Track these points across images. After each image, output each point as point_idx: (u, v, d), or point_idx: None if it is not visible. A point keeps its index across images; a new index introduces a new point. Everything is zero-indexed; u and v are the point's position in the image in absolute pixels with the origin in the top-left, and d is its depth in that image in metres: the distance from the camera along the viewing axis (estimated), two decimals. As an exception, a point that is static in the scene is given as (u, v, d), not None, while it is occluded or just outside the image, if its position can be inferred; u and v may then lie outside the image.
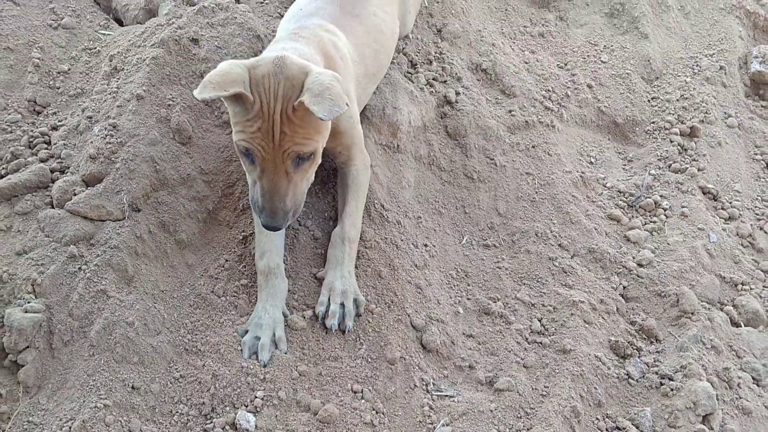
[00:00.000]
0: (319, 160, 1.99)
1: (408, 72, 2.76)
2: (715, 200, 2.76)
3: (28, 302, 1.91)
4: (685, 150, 2.88)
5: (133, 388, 1.82)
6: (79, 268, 1.99)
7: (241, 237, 2.20)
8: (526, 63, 3.03)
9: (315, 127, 1.87)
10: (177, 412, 1.82)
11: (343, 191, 2.25)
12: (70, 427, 1.71)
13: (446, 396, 2.00)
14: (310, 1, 2.41)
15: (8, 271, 1.98)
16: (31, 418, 1.77)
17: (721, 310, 2.39)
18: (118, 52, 2.47)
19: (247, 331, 1.97)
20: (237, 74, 1.80)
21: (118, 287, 1.99)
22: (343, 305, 2.03)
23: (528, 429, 1.92)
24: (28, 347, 1.85)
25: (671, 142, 2.90)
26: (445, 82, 2.78)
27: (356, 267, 2.15)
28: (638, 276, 2.42)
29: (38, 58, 2.51)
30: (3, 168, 2.22)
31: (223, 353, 1.91)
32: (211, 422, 1.80)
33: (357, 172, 2.25)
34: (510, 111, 2.79)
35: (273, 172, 1.86)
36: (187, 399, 1.84)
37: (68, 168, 2.21)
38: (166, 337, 1.96)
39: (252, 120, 1.81)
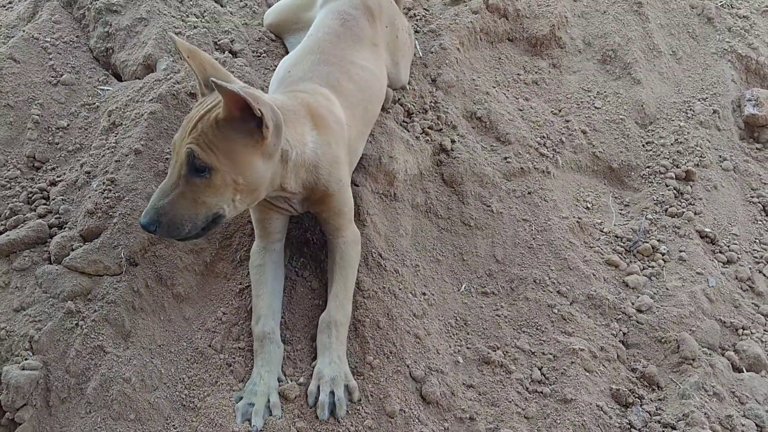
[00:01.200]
0: (223, 204, 1.80)
1: (404, 121, 2.79)
2: (713, 244, 2.75)
3: (26, 359, 1.91)
4: (681, 194, 2.88)
5: (129, 446, 1.81)
6: (76, 324, 1.99)
7: (238, 289, 2.20)
8: (521, 110, 3.05)
9: (227, 148, 1.75)
10: (174, 470, 1.80)
11: (331, 267, 2.19)
12: (65, 488, 1.70)
13: (447, 449, 1.98)
14: (297, 63, 2.35)
15: (6, 328, 1.98)
16: (27, 479, 1.75)
17: (723, 355, 2.36)
18: (117, 108, 2.50)
19: (242, 398, 1.92)
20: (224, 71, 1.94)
21: (115, 343, 1.99)
22: (333, 393, 1.92)
23: (530, 482, 1.90)
24: (25, 405, 1.85)
25: (667, 186, 2.91)
26: (440, 130, 2.80)
27: (355, 318, 2.14)
28: (638, 322, 2.40)
29: (38, 115, 2.54)
30: (2, 224, 2.23)
31: (214, 418, 1.87)
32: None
33: (346, 246, 2.19)
34: (505, 158, 2.81)
35: (171, 170, 1.78)
36: (183, 457, 1.82)
37: (66, 223, 2.22)
38: (163, 392, 1.94)
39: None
